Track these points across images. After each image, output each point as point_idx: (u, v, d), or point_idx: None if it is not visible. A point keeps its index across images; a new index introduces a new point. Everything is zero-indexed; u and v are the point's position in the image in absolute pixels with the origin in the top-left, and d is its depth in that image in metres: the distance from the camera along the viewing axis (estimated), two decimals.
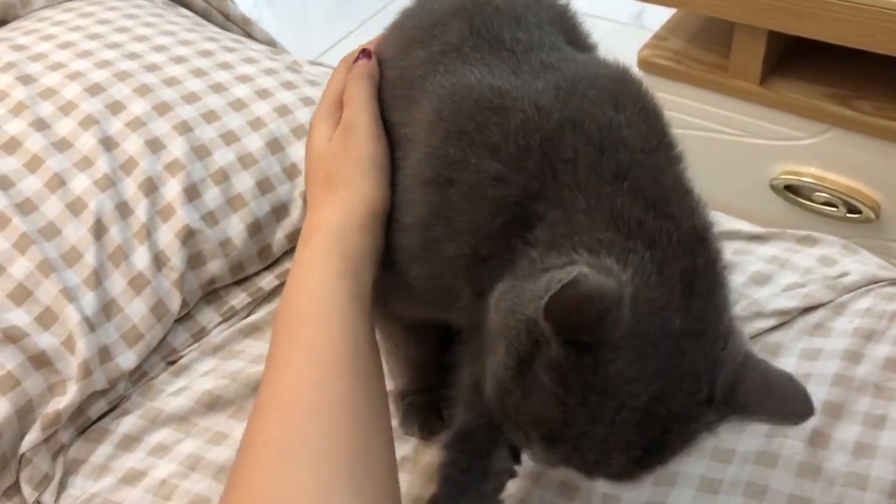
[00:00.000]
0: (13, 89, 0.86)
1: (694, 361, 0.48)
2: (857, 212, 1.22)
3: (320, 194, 0.62)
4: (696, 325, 0.48)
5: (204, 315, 0.85)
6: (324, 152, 0.63)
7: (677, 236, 0.50)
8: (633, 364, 0.47)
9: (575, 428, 0.47)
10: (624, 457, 0.48)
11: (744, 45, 1.20)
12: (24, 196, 0.79)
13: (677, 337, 0.48)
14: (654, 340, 0.47)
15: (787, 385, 0.50)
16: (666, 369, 0.47)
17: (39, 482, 0.71)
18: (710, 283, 0.50)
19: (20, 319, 0.73)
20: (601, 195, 0.51)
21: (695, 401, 0.48)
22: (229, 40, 1.03)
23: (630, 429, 0.48)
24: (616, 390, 0.47)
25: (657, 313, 0.48)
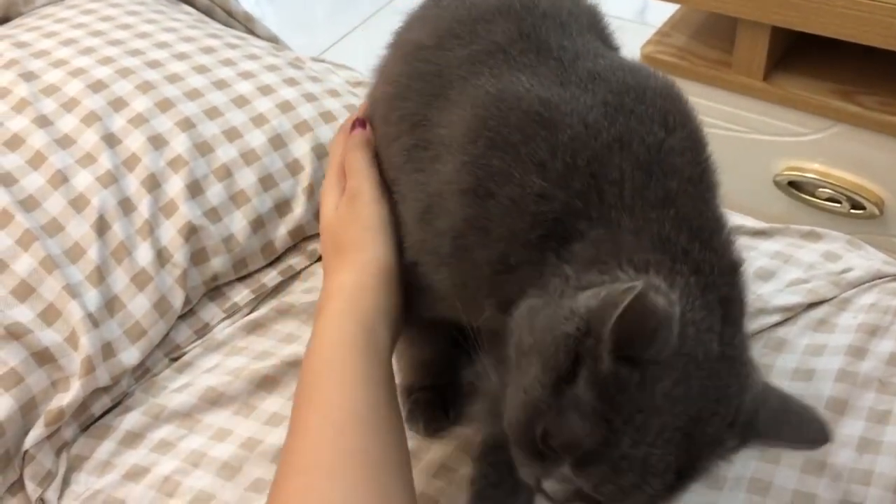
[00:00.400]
0: (16, 86, 0.86)
1: (728, 386, 0.49)
2: (861, 208, 1.22)
3: (332, 260, 0.65)
4: (729, 351, 0.50)
5: (207, 311, 0.85)
6: (332, 220, 0.67)
7: (718, 268, 0.51)
8: (678, 384, 0.47)
9: (617, 450, 0.47)
10: (659, 481, 0.48)
11: (747, 40, 1.19)
12: (27, 193, 0.79)
13: (715, 360, 0.49)
14: (697, 362, 0.48)
15: (803, 412, 0.52)
16: (705, 391, 0.48)
17: (43, 479, 0.71)
18: (741, 312, 0.52)
19: (23, 316, 0.73)
20: (649, 219, 0.51)
21: (724, 425, 0.49)
22: (232, 37, 1.03)
23: (671, 450, 0.48)
24: (661, 410, 0.47)
25: (700, 335, 0.48)
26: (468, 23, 0.61)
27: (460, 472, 0.68)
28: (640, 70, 0.60)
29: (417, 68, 0.63)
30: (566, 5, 0.63)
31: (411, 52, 0.63)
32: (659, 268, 0.49)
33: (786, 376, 0.74)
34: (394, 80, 0.65)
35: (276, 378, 0.78)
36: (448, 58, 0.61)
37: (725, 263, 0.52)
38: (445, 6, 0.66)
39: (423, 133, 0.60)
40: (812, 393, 0.72)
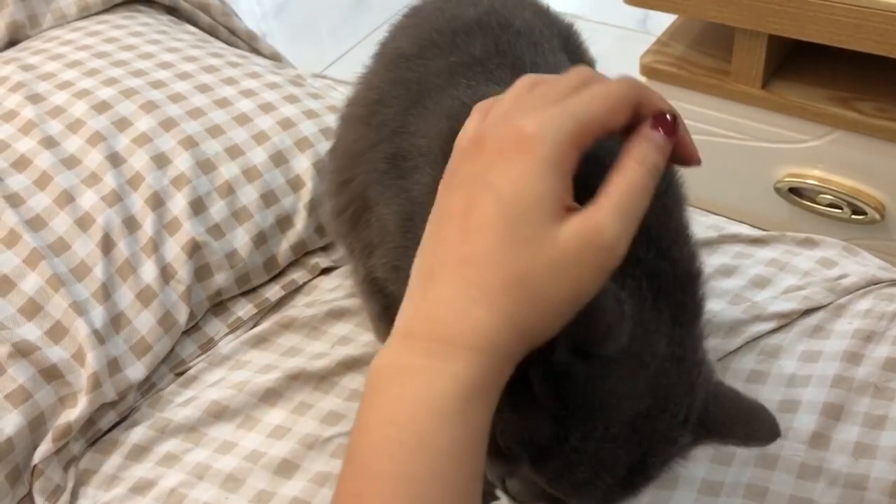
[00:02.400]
0: (23, 108, 0.88)
1: (676, 385, 0.50)
2: (862, 213, 1.22)
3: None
4: (678, 351, 0.50)
5: (211, 326, 0.86)
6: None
7: (673, 275, 0.52)
8: (625, 380, 0.48)
9: (567, 444, 0.48)
10: (611, 476, 0.49)
11: (745, 49, 1.20)
12: (34, 212, 0.81)
13: (662, 359, 0.49)
14: (643, 361, 0.49)
15: (755, 409, 0.52)
16: (652, 389, 0.49)
17: (52, 493, 0.72)
18: (693, 316, 0.52)
19: (31, 333, 0.75)
20: None
21: (675, 422, 0.50)
22: (233, 56, 1.04)
23: (619, 445, 0.48)
24: (608, 405, 0.48)
25: (648, 336, 0.49)
26: (447, 34, 0.63)
27: None
28: None
29: (398, 76, 0.64)
30: (538, 25, 0.64)
31: (393, 59, 0.65)
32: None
33: (782, 382, 0.74)
34: (376, 86, 0.66)
35: (278, 391, 0.79)
36: (427, 67, 0.62)
37: (681, 272, 0.52)
38: (425, 16, 0.67)
39: (402, 141, 0.61)
40: (808, 398, 0.72)
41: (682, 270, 0.53)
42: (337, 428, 0.76)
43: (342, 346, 0.83)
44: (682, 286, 0.52)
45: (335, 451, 0.74)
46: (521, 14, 0.63)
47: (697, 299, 0.53)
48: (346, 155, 0.69)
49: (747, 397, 0.53)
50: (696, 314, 0.53)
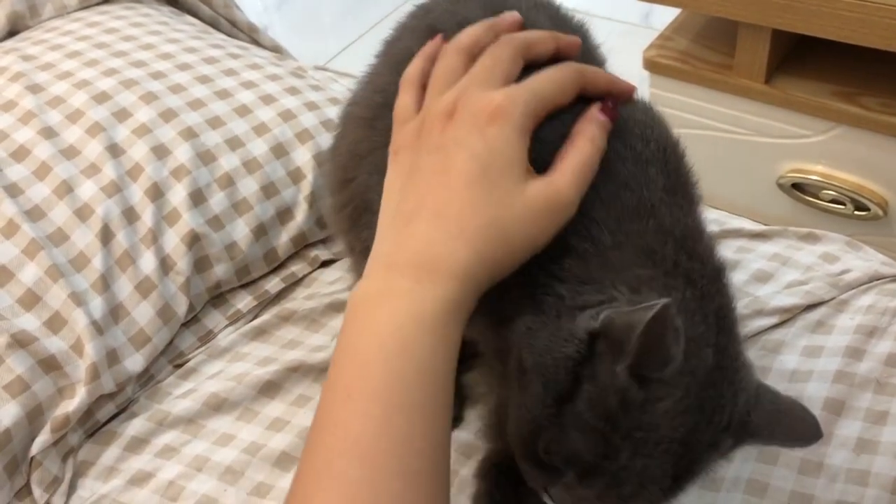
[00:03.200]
0: (22, 98, 0.88)
1: (722, 394, 0.50)
2: (865, 209, 1.22)
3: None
4: (722, 360, 0.50)
5: (210, 318, 0.86)
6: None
7: (707, 276, 0.52)
8: (680, 401, 0.48)
9: (616, 463, 0.48)
10: (657, 488, 0.50)
11: (748, 44, 1.20)
12: (33, 203, 0.81)
13: (710, 371, 0.49)
14: (696, 377, 0.49)
15: (796, 410, 0.53)
16: (701, 403, 0.49)
17: (50, 484, 0.72)
18: (732, 319, 0.53)
19: (29, 324, 0.75)
20: (629, 232, 0.52)
21: (718, 429, 0.50)
22: (234, 47, 1.04)
23: (668, 460, 0.49)
24: (661, 426, 0.48)
25: (700, 350, 0.49)
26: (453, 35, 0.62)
27: (461, 473, 0.69)
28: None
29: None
30: (545, 25, 0.62)
31: (401, 61, 0.64)
32: (652, 284, 0.50)
33: (783, 378, 0.74)
34: (381, 89, 0.65)
35: (278, 384, 0.79)
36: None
37: (711, 270, 0.52)
38: (435, 18, 0.66)
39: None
40: (809, 394, 0.72)
41: (711, 268, 0.53)
42: None
43: None
44: (717, 286, 0.52)
45: None
46: (534, 16, 0.62)
47: (731, 298, 0.53)
48: (348, 155, 0.68)
49: (787, 397, 0.53)
50: (735, 315, 0.53)
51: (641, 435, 0.48)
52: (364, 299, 0.48)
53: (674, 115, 0.58)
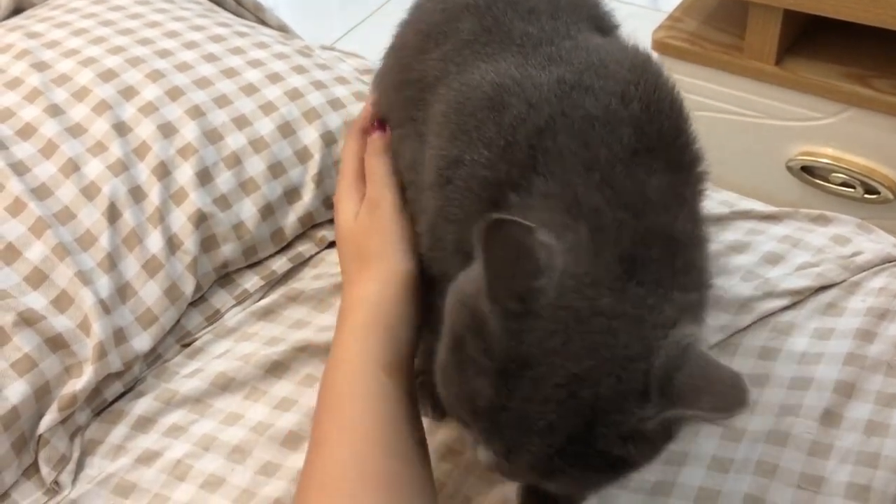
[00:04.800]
0: (28, 76, 0.87)
1: (627, 346, 0.47)
2: (875, 192, 1.21)
3: (354, 268, 0.66)
4: (631, 310, 0.47)
5: (218, 298, 0.86)
6: (353, 227, 0.67)
7: (635, 229, 0.50)
8: (554, 336, 0.46)
9: (495, 402, 0.46)
10: (544, 441, 0.46)
11: (759, 25, 1.18)
12: (40, 181, 0.80)
13: (609, 317, 0.47)
14: (580, 317, 0.46)
15: (726, 379, 0.46)
16: (593, 349, 0.46)
17: (57, 462, 0.72)
18: (663, 276, 0.50)
19: (36, 303, 0.74)
20: (567, 184, 0.52)
21: (626, 388, 0.46)
22: (241, 25, 1.03)
23: (551, 408, 0.46)
24: (535, 361, 0.46)
25: (584, 290, 0.47)
26: (442, 24, 0.63)
27: (467, 454, 0.69)
28: (613, 47, 0.60)
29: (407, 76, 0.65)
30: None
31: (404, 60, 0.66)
32: (552, 224, 0.49)
33: (794, 360, 0.74)
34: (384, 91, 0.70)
35: (285, 363, 0.78)
36: (426, 63, 0.63)
37: (651, 227, 0.50)
38: (425, 10, 0.67)
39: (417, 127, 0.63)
40: (820, 376, 0.72)
41: (655, 225, 0.51)
42: None
43: None
44: (649, 242, 0.50)
45: None
46: None
47: (679, 261, 0.51)
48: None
49: (722, 366, 0.47)
50: (671, 276, 0.50)
51: (514, 370, 0.46)
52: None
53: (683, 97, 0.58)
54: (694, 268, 0.52)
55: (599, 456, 0.47)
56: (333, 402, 0.59)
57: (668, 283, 0.50)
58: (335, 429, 0.58)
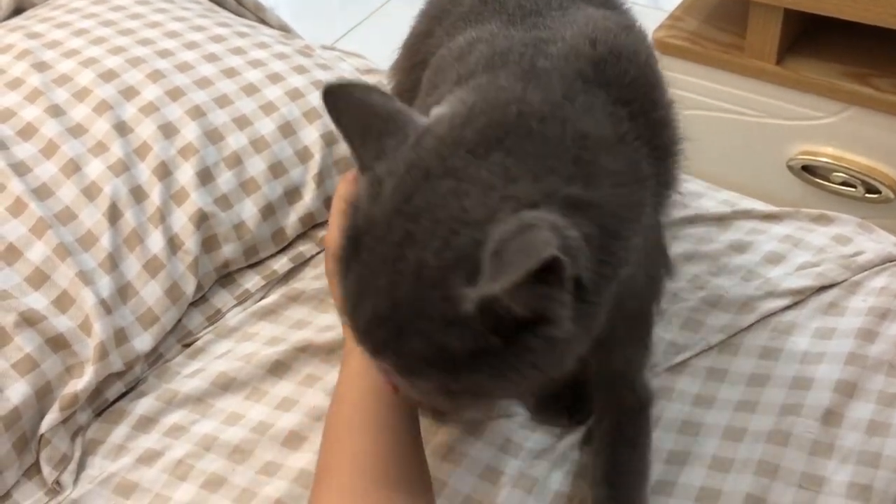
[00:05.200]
0: (29, 76, 0.87)
1: (466, 211, 0.44)
2: (876, 191, 1.21)
3: None
4: (486, 176, 0.45)
5: (219, 298, 0.86)
6: None
7: (535, 113, 0.48)
8: (401, 192, 0.45)
9: (346, 261, 0.47)
10: (375, 307, 0.45)
11: (760, 24, 1.18)
12: (41, 181, 0.80)
13: (458, 179, 0.45)
14: (430, 174, 0.45)
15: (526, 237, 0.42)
16: (432, 207, 0.44)
17: (59, 462, 0.72)
18: (548, 159, 0.46)
19: (38, 303, 0.74)
20: (496, 76, 0.53)
21: (452, 256, 0.43)
22: (241, 26, 1.03)
23: (384, 269, 0.44)
24: (382, 218, 0.45)
25: (441, 150, 0.46)
26: (447, 4, 0.67)
27: (469, 454, 0.69)
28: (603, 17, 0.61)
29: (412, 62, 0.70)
30: None
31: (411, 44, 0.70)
32: (452, 99, 0.51)
33: (795, 359, 0.74)
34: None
35: (286, 363, 0.78)
36: (429, 43, 0.66)
37: (556, 119, 0.48)
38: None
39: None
40: (821, 376, 0.72)
41: (561, 119, 0.49)
42: None
43: None
44: (550, 129, 0.48)
45: None
46: None
47: (579, 154, 0.47)
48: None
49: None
50: (560, 163, 0.46)
51: (366, 228, 0.46)
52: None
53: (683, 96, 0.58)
54: (597, 168, 0.48)
55: (423, 339, 0.44)
56: (339, 433, 0.60)
57: (551, 168, 0.46)
58: (341, 459, 0.59)
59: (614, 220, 0.47)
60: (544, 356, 0.45)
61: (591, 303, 0.45)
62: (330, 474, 0.58)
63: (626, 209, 0.49)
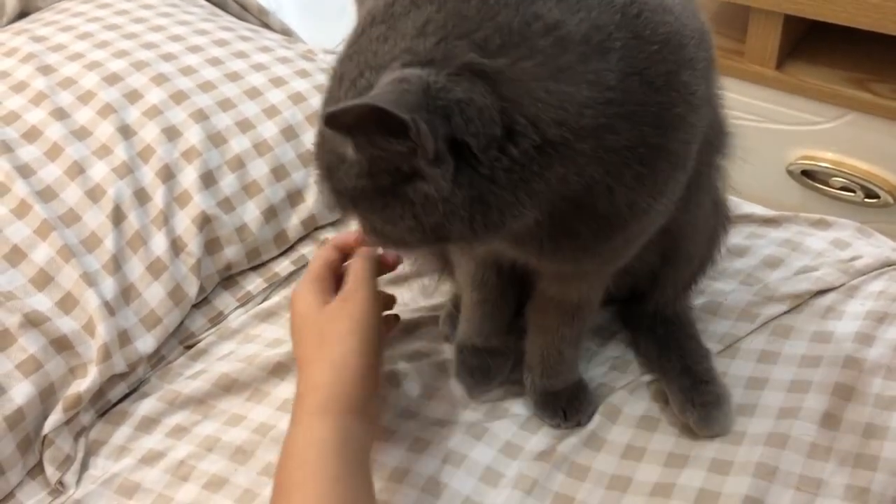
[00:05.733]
0: (34, 79, 0.88)
1: (378, 55, 0.48)
2: (876, 196, 1.21)
3: (311, 351, 0.65)
4: (389, 32, 0.48)
5: (221, 300, 0.86)
6: (317, 314, 0.66)
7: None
8: (349, 44, 0.50)
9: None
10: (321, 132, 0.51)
11: (760, 29, 1.19)
12: (45, 184, 0.81)
13: (386, 25, 0.48)
14: (369, 22, 0.49)
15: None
16: (359, 52, 0.49)
17: (62, 462, 0.72)
18: (437, 19, 0.47)
19: (42, 304, 0.75)
20: None
21: (351, 95, 0.48)
22: (244, 30, 1.04)
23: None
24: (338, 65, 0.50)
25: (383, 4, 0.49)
26: None
27: (469, 456, 0.69)
28: None
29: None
30: None
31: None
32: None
33: (793, 363, 0.74)
34: None
35: (288, 365, 0.79)
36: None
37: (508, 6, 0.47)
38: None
39: None
40: (819, 379, 0.72)
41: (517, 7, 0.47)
42: None
43: None
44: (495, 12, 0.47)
45: None
46: None
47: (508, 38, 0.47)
48: None
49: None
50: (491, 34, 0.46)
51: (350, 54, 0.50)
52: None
53: None
54: (533, 51, 0.47)
55: (335, 177, 0.50)
56: (286, 488, 0.59)
57: (468, 32, 0.46)
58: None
59: (532, 104, 0.47)
60: (424, 209, 0.48)
61: (483, 174, 0.47)
62: None
63: (554, 102, 0.47)
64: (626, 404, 0.73)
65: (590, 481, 0.68)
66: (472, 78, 0.46)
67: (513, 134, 0.47)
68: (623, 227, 0.56)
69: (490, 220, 0.49)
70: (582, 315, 0.70)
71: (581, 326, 0.71)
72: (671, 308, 0.76)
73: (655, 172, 0.53)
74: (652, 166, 0.52)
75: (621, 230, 0.56)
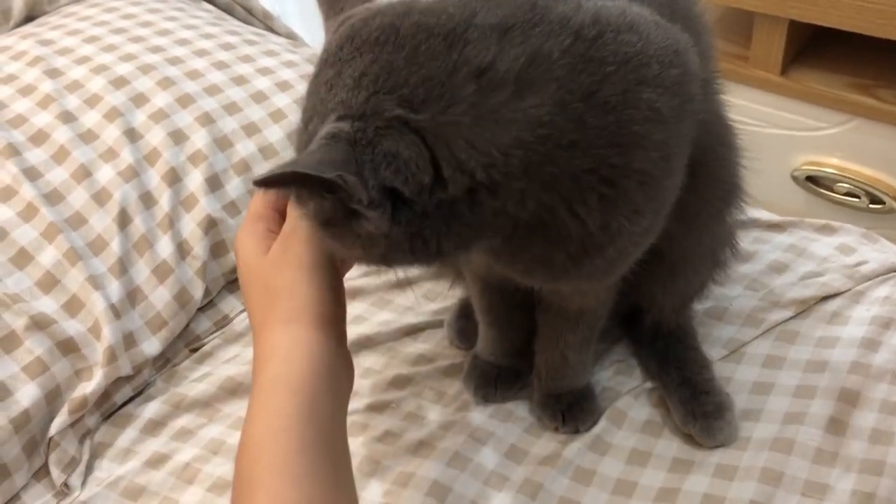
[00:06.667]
0: (41, 83, 0.88)
1: (317, 100, 0.50)
2: (880, 202, 1.21)
3: (262, 313, 0.57)
4: (335, 79, 0.49)
5: (226, 303, 0.87)
6: (260, 263, 0.58)
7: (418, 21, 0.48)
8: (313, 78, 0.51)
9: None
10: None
11: (764, 35, 1.19)
12: (52, 186, 0.81)
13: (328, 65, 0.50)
14: (321, 59, 0.51)
15: None
16: (310, 91, 0.51)
17: (67, 465, 0.72)
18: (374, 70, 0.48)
19: (48, 307, 0.75)
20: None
21: (304, 138, 0.50)
22: (250, 34, 1.04)
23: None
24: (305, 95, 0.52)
25: (337, 35, 0.51)
26: None
27: (474, 459, 0.69)
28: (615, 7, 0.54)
29: None
30: None
31: None
32: None
33: (799, 368, 0.74)
34: None
35: None
36: None
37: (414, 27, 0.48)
38: None
39: None
40: (825, 384, 0.72)
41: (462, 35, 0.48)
42: (350, 404, 0.76)
43: (356, 326, 0.83)
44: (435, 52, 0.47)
45: (349, 428, 0.74)
46: None
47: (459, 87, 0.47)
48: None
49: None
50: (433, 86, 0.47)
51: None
52: None
53: None
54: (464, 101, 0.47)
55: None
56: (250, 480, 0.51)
57: (399, 85, 0.47)
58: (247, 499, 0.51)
59: (459, 151, 0.48)
60: (370, 242, 0.50)
61: (418, 212, 0.49)
62: None
63: (480, 148, 0.48)
64: (632, 409, 0.73)
65: (595, 486, 0.68)
66: (400, 130, 0.47)
67: (442, 179, 0.48)
68: (599, 249, 0.54)
69: (429, 251, 0.51)
70: (585, 323, 0.70)
71: (586, 333, 0.71)
72: (671, 323, 0.77)
73: (625, 193, 0.52)
74: (618, 187, 0.51)
75: (598, 252, 0.55)
